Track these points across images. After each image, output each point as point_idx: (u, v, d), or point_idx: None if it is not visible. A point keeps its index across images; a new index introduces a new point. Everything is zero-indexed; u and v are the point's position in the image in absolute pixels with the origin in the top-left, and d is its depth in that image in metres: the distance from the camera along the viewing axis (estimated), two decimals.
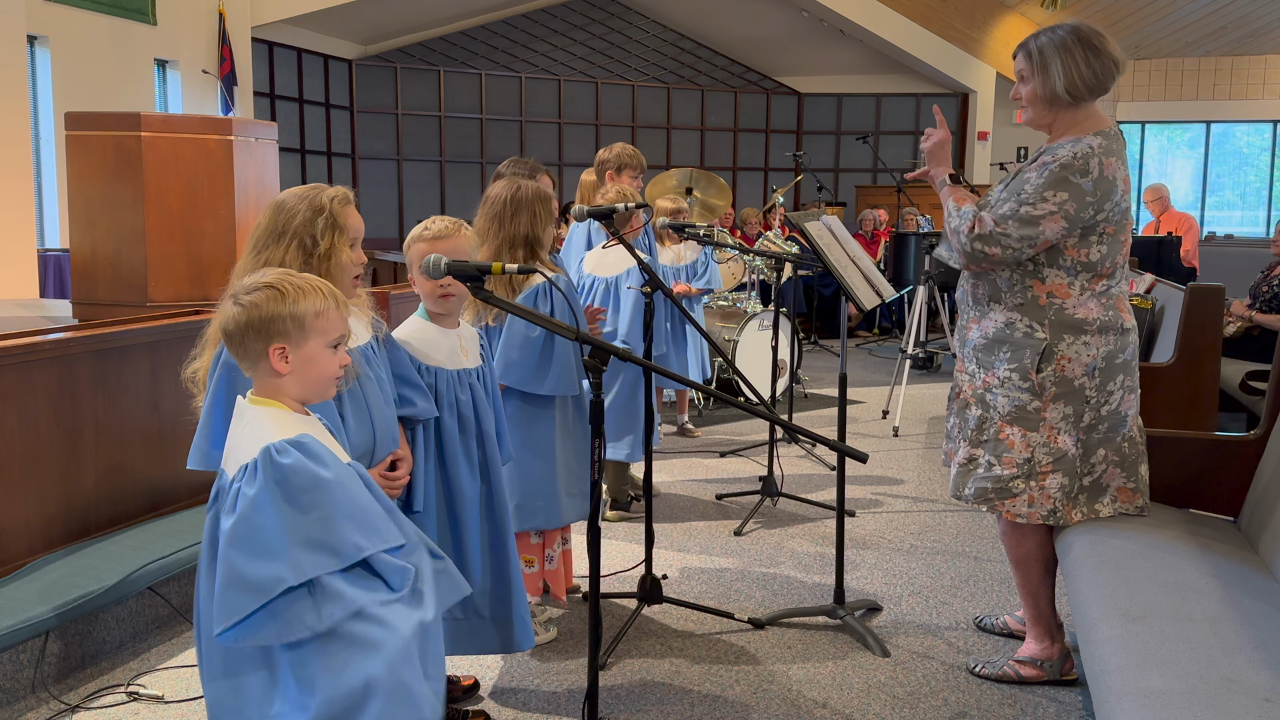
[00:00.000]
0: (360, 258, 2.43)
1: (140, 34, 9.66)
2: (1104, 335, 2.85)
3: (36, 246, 7.36)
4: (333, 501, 1.85)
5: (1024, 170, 2.92)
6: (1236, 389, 5.29)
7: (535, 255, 3.26)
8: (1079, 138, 2.83)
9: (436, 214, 3.00)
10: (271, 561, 1.79)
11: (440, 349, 2.72)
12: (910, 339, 7.04)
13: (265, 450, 1.84)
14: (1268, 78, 14.99)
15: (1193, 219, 9.83)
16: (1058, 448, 2.88)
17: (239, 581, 1.79)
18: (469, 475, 2.71)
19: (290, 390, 1.94)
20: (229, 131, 4.47)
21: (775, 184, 13.00)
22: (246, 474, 1.84)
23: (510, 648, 2.81)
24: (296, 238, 2.30)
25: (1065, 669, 3.14)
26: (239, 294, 1.92)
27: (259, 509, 1.81)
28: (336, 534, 1.84)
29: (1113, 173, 2.79)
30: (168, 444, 3.83)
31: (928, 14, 13.99)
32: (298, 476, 1.83)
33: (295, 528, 1.81)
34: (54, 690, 3.02)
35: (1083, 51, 2.82)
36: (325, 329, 1.93)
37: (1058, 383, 2.85)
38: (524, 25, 14.45)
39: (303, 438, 1.88)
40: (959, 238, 2.87)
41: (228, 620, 1.80)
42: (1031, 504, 2.91)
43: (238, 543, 1.81)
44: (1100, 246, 2.83)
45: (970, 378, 3.02)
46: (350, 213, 2.40)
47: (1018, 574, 3.11)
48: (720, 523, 4.68)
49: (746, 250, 5.06)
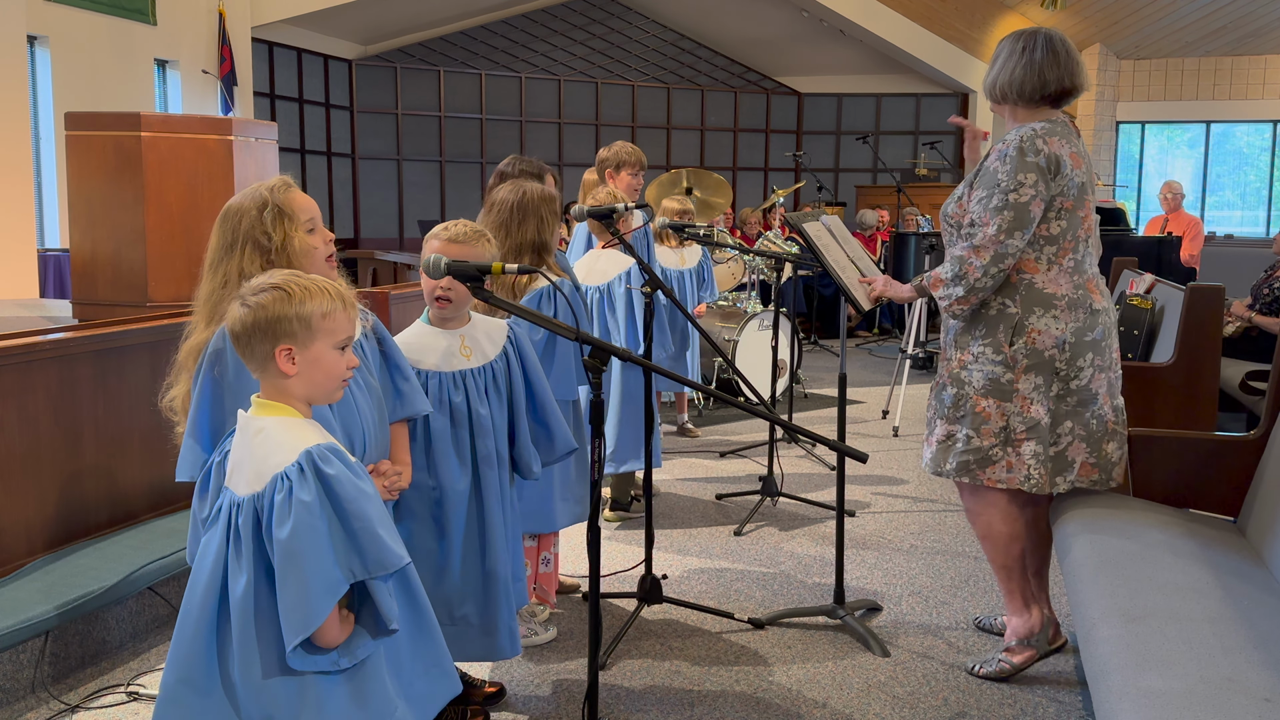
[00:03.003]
0: (325, 237, 2.36)
1: (140, 34, 9.66)
2: (1073, 312, 2.97)
3: (36, 246, 7.36)
4: (376, 512, 1.86)
5: (983, 164, 3.04)
6: (1236, 389, 5.29)
7: (543, 261, 3.24)
8: (1020, 126, 3.01)
9: (436, 214, 2.98)
10: (333, 566, 1.80)
11: (434, 352, 2.69)
12: (910, 339, 7.04)
13: (308, 455, 1.82)
14: (1268, 78, 14.98)
15: (1200, 224, 9.84)
16: (1030, 416, 2.99)
17: (312, 586, 1.78)
18: (459, 473, 2.66)
19: (297, 391, 1.92)
20: (229, 131, 4.47)
21: (775, 184, 12.99)
22: (295, 480, 1.81)
23: (494, 655, 2.75)
24: (249, 241, 2.24)
25: (1053, 637, 3.24)
26: (245, 295, 1.90)
27: (315, 514, 1.80)
28: (380, 544, 1.85)
29: (1056, 150, 2.93)
30: (167, 444, 3.79)
31: (928, 14, 13.99)
32: (341, 486, 1.83)
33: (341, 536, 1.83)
34: (54, 690, 3.02)
35: (1044, 57, 2.97)
36: (332, 330, 1.92)
37: (1029, 354, 2.97)
38: (524, 25, 14.46)
39: (334, 445, 1.88)
40: (975, 287, 2.96)
41: (309, 628, 1.79)
42: (1010, 469, 3.02)
43: (303, 552, 1.79)
44: (1059, 221, 2.97)
45: (948, 361, 3.13)
46: (294, 196, 2.32)
47: (986, 549, 3.19)
48: (720, 523, 4.68)
49: (746, 250, 5.06)
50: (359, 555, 1.82)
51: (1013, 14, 14.28)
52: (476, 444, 2.69)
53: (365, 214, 13.33)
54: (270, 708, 1.84)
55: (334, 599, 1.81)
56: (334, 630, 1.85)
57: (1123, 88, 15.44)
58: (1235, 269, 7.49)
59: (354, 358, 1.99)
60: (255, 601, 1.84)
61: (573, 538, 3.90)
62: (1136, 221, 14.45)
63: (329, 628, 1.84)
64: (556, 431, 2.85)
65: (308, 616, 1.78)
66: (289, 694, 1.84)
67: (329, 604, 1.80)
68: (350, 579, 1.82)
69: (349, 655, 1.88)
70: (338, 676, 1.88)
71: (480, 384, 2.72)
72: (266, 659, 1.84)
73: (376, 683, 1.94)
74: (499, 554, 2.72)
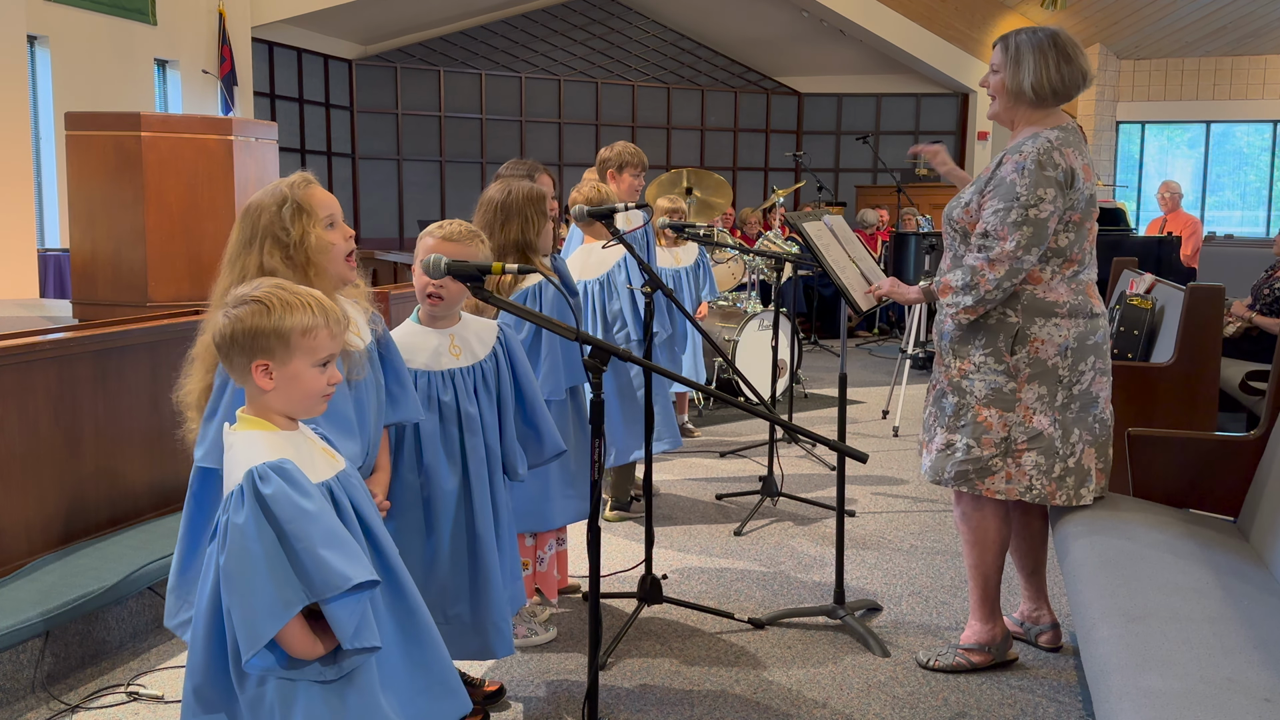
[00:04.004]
0: (345, 234, 2.35)
1: (140, 34, 9.66)
2: (1074, 319, 2.97)
3: (36, 246, 7.36)
4: (315, 533, 1.79)
5: (995, 172, 2.97)
6: (1236, 389, 5.29)
7: (528, 260, 3.24)
8: (1037, 133, 2.95)
9: (436, 214, 2.97)
10: (270, 590, 1.75)
11: (423, 351, 2.69)
12: (910, 339, 7.04)
13: (249, 475, 1.78)
14: (1268, 78, 14.98)
15: (1199, 224, 9.84)
16: (1033, 427, 2.98)
17: (255, 609, 1.75)
18: (448, 472, 2.67)
19: (276, 405, 1.89)
20: (229, 131, 4.47)
21: (775, 184, 12.98)
22: (233, 502, 1.78)
23: (485, 654, 2.74)
24: (269, 236, 2.24)
25: (1007, 650, 3.24)
26: (228, 305, 1.88)
27: (250, 537, 1.75)
28: (322, 566, 1.77)
29: (1072, 163, 2.91)
30: (168, 444, 3.82)
31: (927, 14, 13.99)
32: (278, 505, 1.76)
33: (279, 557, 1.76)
34: (54, 690, 3.02)
35: (1056, 56, 2.94)
36: (312, 348, 1.86)
37: (1031, 364, 2.96)
38: (524, 25, 14.45)
39: (284, 462, 1.82)
40: (986, 298, 2.93)
41: (255, 645, 1.75)
42: (1009, 480, 3.00)
43: (235, 577, 1.75)
44: (1068, 234, 2.95)
45: (946, 368, 3.11)
46: (314, 192, 2.31)
47: (973, 554, 3.18)
48: (720, 523, 4.68)
49: (746, 250, 5.06)
50: (301, 578, 1.75)
51: (1013, 14, 14.28)
52: (466, 443, 2.70)
53: (365, 214, 13.33)
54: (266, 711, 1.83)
55: (279, 622, 1.74)
56: (303, 642, 1.80)
57: (1123, 88, 15.44)
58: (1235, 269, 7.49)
59: (336, 374, 1.95)
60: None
61: (573, 537, 3.89)
62: (1136, 221, 14.44)
63: (295, 640, 1.79)
64: (545, 433, 2.86)
65: (253, 637, 1.74)
66: (275, 700, 1.83)
67: (274, 627, 1.74)
68: (296, 602, 1.75)
69: (334, 668, 1.84)
70: (322, 686, 1.84)
71: (469, 383, 2.72)
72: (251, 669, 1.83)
73: (365, 696, 1.89)
74: (489, 553, 2.71)
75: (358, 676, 1.87)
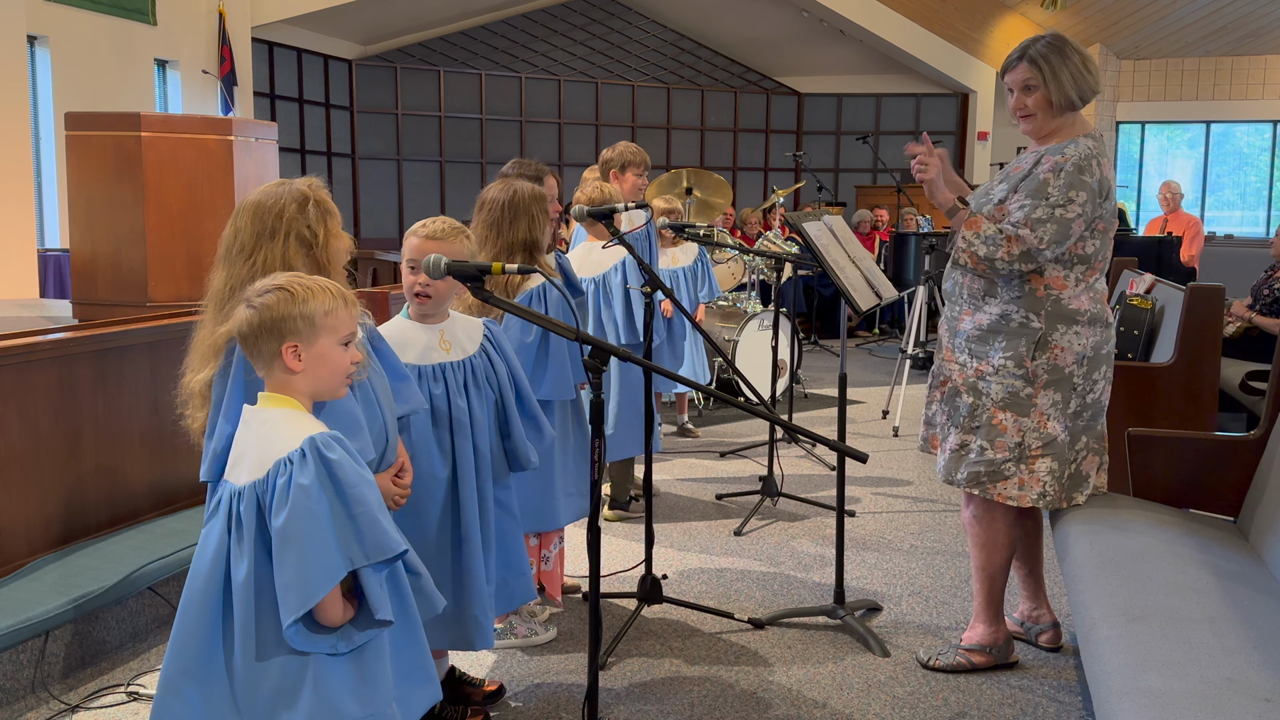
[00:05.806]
0: (347, 240, 2.40)
1: (140, 34, 9.66)
2: (1093, 327, 2.98)
3: (36, 246, 7.36)
4: (376, 499, 1.90)
5: (1032, 170, 2.96)
6: (1236, 389, 5.29)
7: (534, 259, 3.25)
8: (1075, 139, 2.96)
9: (437, 214, 2.98)
10: (333, 550, 1.83)
11: (413, 346, 2.71)
12: (910, 339, 7.04)
13: (311, 441, 1.87)
14: (1268, 78, 14.99)
15: (1199, 224, 9.83)
16: (1047, 433, 2.98)
17: (310, 568, 1.82)
18: (439, 464, 2.68)
19: (303, 387, 1.98)
20: (229, 131, 4.47)
21: (775, 184, 12.99)
22: (296, 464, 1.85)
23: (461, 645, 2.77)
24: (292, 232, 2.26)
25: (1009, 654, 3.24)
26: (251, 298, 1.97)
27: (314, 498, 1.84)
28: (379, 529, 1.88)
29: (1107, 173, 2.95)
30: (168, 444, 3.83)
31: (928, 14, 13.98)
32: (343, 470, 1.87)
33: (344, 517, 1.86)
34: (54, 690, 3.02)
35: (1079, 58, 2.97)
36: (335, 326, 1.98)
37: (1050, 370, 2.96)
38: (524, 25, 14.45)
39: (338, 435, 1.93)
40: (994, 263, 2.92)
41: (305, 605, 1.82)
42: (1021, 487, 3.00)
43: (298, 536, 1.82)
44: (1094, 241, 2.97)
45: (961, 367, 3.09)
46: (329, 196, 2.37)
47: (980, 555, 3.17)
48: (720, 523, 4.68)
49: (746, 250, 5.06)
50: (358, 540, 1.86)
51: (1013, 14, 14.28)
52: (455, 437, 2.72)
53: (365, 214, 13.33)
54: (268, 688, 1.88)
55: (332, 582, 1.84)
56: (337, 609, 1.89)
57: (1122, 88, 15.44)
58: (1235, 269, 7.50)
59: (358, 353, 2.05)
60: (256, 586, 1.88)
61: (574, 537, 3.90)
62: (1136, 222, 14.46)
63: (331, 606, 1.87)
64: (542, 422, 2.90)
65: (304, 597, 1.82)
66: (288, 672, 1.88)
67: (326, 586, 1.83)
68: (349, 564, 1.85)
69: (346, 640, 1.92)
70: (338, 658, 1.91)
71: (459, 378, 2.75)
72: (265, 641, 1.88)
73: (380, 665, 1.98)
74: (474, 546, 2.72)
75: (370, 648, 1.96)
